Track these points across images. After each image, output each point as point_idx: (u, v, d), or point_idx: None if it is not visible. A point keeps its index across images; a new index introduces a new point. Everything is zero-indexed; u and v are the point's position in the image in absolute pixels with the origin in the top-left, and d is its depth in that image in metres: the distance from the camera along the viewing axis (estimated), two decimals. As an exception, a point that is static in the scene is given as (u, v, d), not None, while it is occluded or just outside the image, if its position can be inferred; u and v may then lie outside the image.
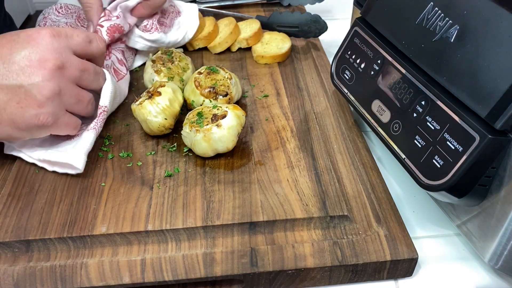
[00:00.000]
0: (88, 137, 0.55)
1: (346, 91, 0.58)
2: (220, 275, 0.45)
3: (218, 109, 0.55)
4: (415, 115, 0.47)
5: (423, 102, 0.46)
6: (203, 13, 0.83)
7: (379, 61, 0.53)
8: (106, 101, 0.57)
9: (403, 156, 0.47)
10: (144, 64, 0.74)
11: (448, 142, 0.43)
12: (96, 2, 0.64)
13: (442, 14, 0.46)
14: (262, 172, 0.54)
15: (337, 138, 0.59)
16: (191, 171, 0.54)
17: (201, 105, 0.60)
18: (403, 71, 0.49)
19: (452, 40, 0.44)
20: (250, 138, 0.59)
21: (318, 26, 0.78)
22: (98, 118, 0.56)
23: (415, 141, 0.46)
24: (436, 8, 0.47)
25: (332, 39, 0.83)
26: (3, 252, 0.46)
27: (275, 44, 0.77)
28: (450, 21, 0.45)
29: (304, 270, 0.45)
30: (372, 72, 0.54)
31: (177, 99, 0.59)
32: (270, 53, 0.74)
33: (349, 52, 0.58)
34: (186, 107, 0.63)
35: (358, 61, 0.56)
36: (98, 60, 0.58)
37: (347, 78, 0.58)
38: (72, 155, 0.53)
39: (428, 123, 0.45)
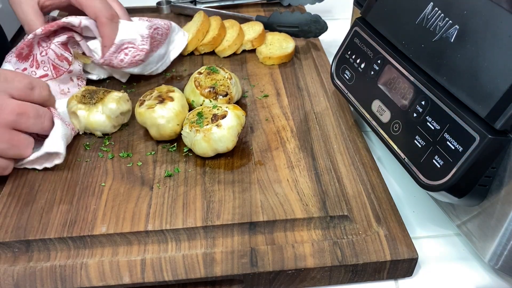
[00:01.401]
0: (57, 124, 0.54)
1: (346, 91, 0.58)
2: (220, 275, 0.45)
3: (218, 109, 0.55)
4: (415, 115, 0.47)
5: (423, 102, 0.46)
6: (206, 13, 0.83)
7: (379, 61, 0.53)
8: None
9: (403, 156, 0.47)
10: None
11: (448, 142, 0.43)
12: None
13: (442, 14, 0.46)
14: (262, 172, 0.54)
15: (337, 138, 0.59)
16: (191, 171, 0.54)
17: (201, 105, 0.60)
18: (403, 71, 0.49)
19: (452, 40, 0.44)
20: (250, 138, 0.59)
21: (318, 26, 0.78)
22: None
23: (415, 141, 0.46)
24: (436, 8, 0.47)
25: (332, 39, 0.83)
26: (3, 252, 0.46)
27: (278, 44, 0.77)
28: (450, 21, 0.45)
29: (304, 270, 0.45)
30: (372, 72, 0.54)
31: (186, 105, 0.59)
32: (276, 54, 0.74)
33: (349, 52, 0.58)
34: (186, 107, 0.63)
35: (358, 61, 0.56)
36: (43, 105, 0.55)
37: (347, 78, 0.58)
38: (49, 143, 0.53)
39: (428, 123, 0.45)
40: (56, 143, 0.54)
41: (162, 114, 0.55)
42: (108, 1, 0.65)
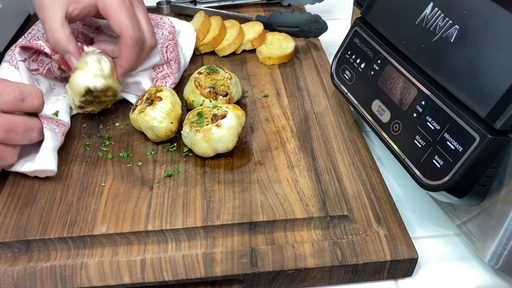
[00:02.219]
0: (47, 137, 0.53)
1: (346, 91, 0.58)
2: (220, 275, 0.45)
3: (218, 109, 0.55)
4: (415, 115, 0.47)
5: (423, 102, 0.46)
6: (206, 13, 0.83)
7: (379, 61, 0.53)
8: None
9: (403, 156, 0.47)
10: None
11: (448, 142, 0.43)
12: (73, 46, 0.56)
13: (442, 14, 0.46)
14: (262, 172, 0.54)
15: (337, 138, 0.59)
16: (191, 171, 0.54)
17: (201, 105, 0.60)
18: (403, 71, 0.49)
19: (452, 40, 0.44)
20: (250, 138, 0.59)
21: (318, 26, 0.78)
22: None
23: (415, 141, 0.46)
24: (436, 8, 0.47)
25: (332, 39, 0.83)
26: (3, 252, 0.46)
27: (278, 44, 0.77)
28: (450, 21, 0.45)
29: (304, 270, 0.45)
30: (372, 72, 0.54)
31: (177, 101, 0.58)
32: (276, 54, 0.74)
33: (349, 52, 0.58)
34: (186, 107, 0.63)
35: (358, 61, 0.57)
36: (34, 113, 0.53)
37: (347, 78, 0.58)
38: (40, 159, 0.52)
39: (428, 123, 0.45)
40: (47, 160, 0.52)
41: (153, 115, 0.55)
42: (142, 23, 0.59)
